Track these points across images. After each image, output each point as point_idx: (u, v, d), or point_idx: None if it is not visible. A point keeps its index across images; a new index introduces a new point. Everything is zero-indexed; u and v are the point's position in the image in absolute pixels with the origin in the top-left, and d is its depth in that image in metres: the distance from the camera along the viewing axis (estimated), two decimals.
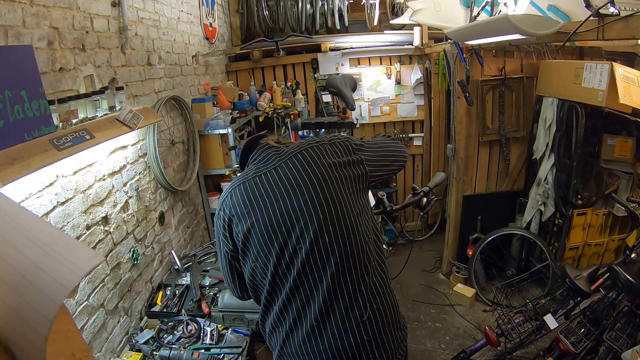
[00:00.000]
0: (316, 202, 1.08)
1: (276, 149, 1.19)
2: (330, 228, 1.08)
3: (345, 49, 3.97)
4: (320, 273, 1.09)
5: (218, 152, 2.86)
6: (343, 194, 1.11)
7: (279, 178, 1.11)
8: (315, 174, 1.10)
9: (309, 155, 1.13)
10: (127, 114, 1.65)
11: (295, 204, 1.09)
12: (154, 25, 2.27)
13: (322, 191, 1.09)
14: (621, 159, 2.76)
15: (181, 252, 2.47)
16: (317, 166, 1.11)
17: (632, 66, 2.62)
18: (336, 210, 1.09)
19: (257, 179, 1.13)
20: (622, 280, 1.88)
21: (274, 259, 1.10)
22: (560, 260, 2.97)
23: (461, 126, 3.22)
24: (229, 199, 1.14)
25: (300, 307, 1.11)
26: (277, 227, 1.09)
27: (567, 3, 2.13)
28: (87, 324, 1.49)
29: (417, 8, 2.80)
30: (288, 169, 1.12)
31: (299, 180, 1.10)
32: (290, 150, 1.16)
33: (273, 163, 1.15)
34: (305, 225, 1.08)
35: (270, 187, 1.11)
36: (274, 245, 1.09)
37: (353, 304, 1.09)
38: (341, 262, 1.09)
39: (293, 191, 1.09)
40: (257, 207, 1.10)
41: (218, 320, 1.88)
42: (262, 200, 1.10)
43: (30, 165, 1.11)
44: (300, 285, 1.10)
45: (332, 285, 1.08)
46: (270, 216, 1.09)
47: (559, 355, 2.03)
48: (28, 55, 1.19)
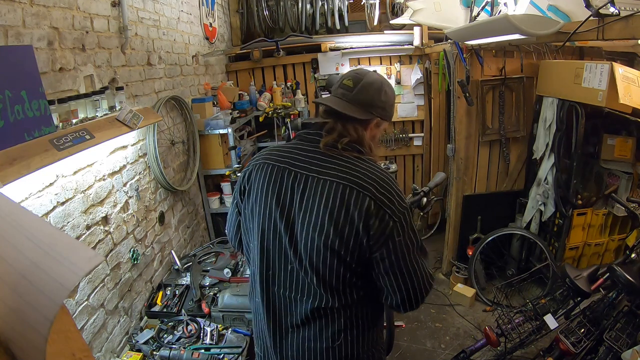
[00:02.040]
0: (307, 237, 1.06)
1: (324, 156, 1.09)
2: (309, 267, 1.08)
3: (345, 49, 3.97)
4: (291, 294, 1.13)
5: (218, 152, 2.86)
6: (336, 250, 1.05)
7: (302, 189, 1.07)
8: (330, 217, 1.03)
9: (342, 195, 1.02)
10: (127, 114, 1.65)
11: (295, 221, 1.08)
12: (154, 25, 2.27)
13: (317, 234, 1.05)
14: (621, 159, 2.76)
15: (181, 252, 2.47)
16: (339, 212, 1.02)
17: (632, 66, 2.63)
18: (323, 258, 1.06)
19: (286, 172, 1.10)
20: (622, 280, 1.88)
21: (261, 252, 1.14)
22: (560, 260, 2.97)
23: (461, 126, 3.21)
24: (259, 167, 1.15)
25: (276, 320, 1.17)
26: (271, 227, 1.11)
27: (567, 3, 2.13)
28: (87, 324, 1.49)
29: (417, 8, 2.80)
30: (313, 190, 1.06)
31: (311, 208, 1.06)
32: (333, 173, 1.05)
33: (309, 169, 1.08)
34: (286, 245, 1.10)
35: (288, 188, 1.09)
36: (263, 242, 1.13)
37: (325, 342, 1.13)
38: (312, 297, 1.10)
39: (300, 210, 1.07)
40: (268, 195, 1.11)
41: (218, 320, 1.88)
42: (276, 192, 1.10)
43: (30, 165, 1.11)
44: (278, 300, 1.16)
45: (306, 313, 1.12)
46: (271, 213, 1.11)
47: (559, 355, 2.03)
48: (28, 55, 1.19)
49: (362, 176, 1.04)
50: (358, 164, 1.07)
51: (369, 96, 1.11)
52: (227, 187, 2.92)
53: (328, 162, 1.08)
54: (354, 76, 1.13)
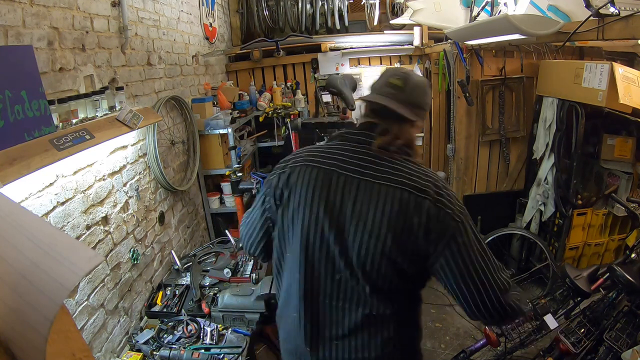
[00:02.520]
0: (361, 246, 1.01)
1: (377, 159, 1.04)
2: (361, 276, 1.03)
3: (345, 49, 3.97)
4: (338, 304, 1.08)
5: (218, 152, 2.86)
6: (395, 255, 1.01)
7: (354, 194, 1.02)
8: (388, 224, 0.99)
9: (399, 200, 0.98)
10: (127, 114, 1.65)
11: (346, 229, 1.03)
12: (154, 25, 2.27)
13: (374, 242, 1.00)
14: (621, 159, 2.76)
15: (181, 252, 2.47)
16: (396, 219, 0.98)
17: (632, 66, 2.63)
18: (378, 266, 1.01)
19: (335, 175, 1.04)
20: (622, 280, 1.88)
21: (305, 262, 1.08)
22: (560, 260, 2.97)
23: (461, 126, 3.22)
24: (302, 170, 1.07)
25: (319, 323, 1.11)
26: (318, 236, 1.05)
27: (567, 3, 2.13)
28: (87, 324, 1.49)
29: (417, 8, 2.80)
30: (369, 195, 1.01)
31: (368, 215, 1.00)
32: (388, 177, 1.01)
33: (361, 172, 1.03)
34: (335, 254, 1.04)
35: (338, 193, 1.03)
36: (309, 252, 1.07)
37: (378, 342, 1.08)
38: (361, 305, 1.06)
39: (353, 217, 1.02)
40: (315, 201, 1.04)
41: (218, 320, 1.88)
42: (324, 198, 1.04)
43: (30, 165, 1.10)
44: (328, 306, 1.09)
45: (355, 322, 1.07)
46: (319, 221, 1.04)
47: (559, 355, 2.03)
48: (28, 55, 1.19)
49: (418, 179, 1.00)
50: (410, 166, 1.03)
51: (418, 97, 1.08)
52: (227, 187, 2.92)
53: (380, 165, 1.03)
54: (402, 76, 1.08)
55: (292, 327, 1.15)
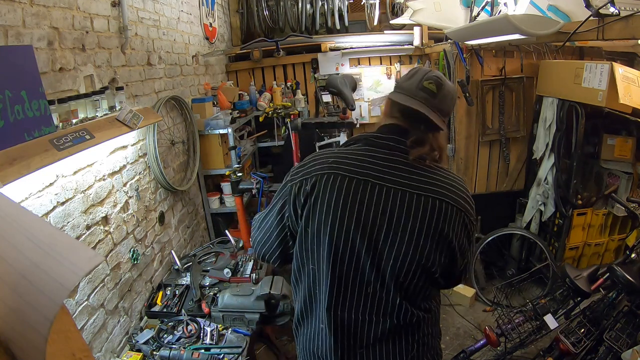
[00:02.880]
0: (396, 258, 1.00)
1: (409, 167, 1.01)
2: (392, 287, 1.02)
3: (345, 49, 3.97)
4: (365, 317, 1.07)
5: (218, 152, 2.86)
6: (425, 268, 1.02)
7: (390, 204, 0.99)
8: (420, 233, 0.98)
9: (435, 210, 0.98)
10: (127, 114, 1.65)
11: (381, 240, 1.00)
12: (154, 25, 2.27)
13: (411, 254, 0.99)
14: (621, 159, 2.76)
15: (181, 252, 2.47)
16: (429, 227, 0.98)
17: (632, 66, 2.63)
18: (406, 274, 1.01)
19: (369, 186, 1.00)
20: (622, 280, 1.88)
21: (334, 275, 1.04)
22: (560, 260, 2.97)
23: (461, 126, 3.22)
24: (330, 179, 1.01)
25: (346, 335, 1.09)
26: (348, 248, 1.02)
27: (567, 3, 2.13)
28: (87, 324, 1.49)
29: (417, 8, 2.80)
30: (405, 205, 0.98)
31: (403, 225, 0.99)
32: (422, 187, 0.99)
33: (394, 181, 1.00)
34: (366, 267, 1.02)
35: (372, 203, 0.99)
36: (337, 264, 1.03)
37: (402, 350, 1.09)
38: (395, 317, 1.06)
39: (389, 228, 0.99)
40: (347, 212, 1.00)
41: (218, 320, 1.88)
42: (356, 209, 1.00)
43: (30, 165, 1.10)
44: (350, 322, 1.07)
45: (382, 332, 1.07)
46: (350, 233, 1.00)
47: (559, 355, 2.03)
48: (28, 55, 1.19)
49: (452, 188, 1.02)
50: (442, 174, 1.03)
51: (449, 105, 1.05)
52: (227, 187, 2.92)
53: (415, 174, 1.00)
54: (435, 80, 1.02)
55: (317, 338, 1.12)
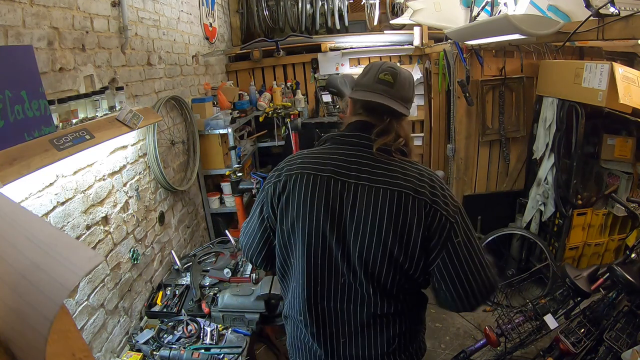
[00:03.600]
0: (369, 254, 1.02)
1: (374, 162, 1.04)
2: (369, 278, 1.05)
3: (345, 49, 3.97)
4: (343, 306, 1.10)
5: (218, 152, 2.86)
6: (397, 257, 1.02)
7: (352, 199, 1.02)
8: (388, 228, 1.00)
9: (398, 203, 0.99)
10: (127, 114, 1.65)
11: (347, 236, 1.04)
12: (154, 25, 2.27)
13: (380, 247, 1.02)
14: (621, 159, 2.76)
15: (181, 252, 2.47)
16: (396, 221, 1.00)
17: (632, 66, 2.62)
18: (380, 269, 1.03)
19: (332, 182, 1.04)
20: (622, 280, 1.88)
21: (309, 267, 1.08)
22: (560, 260, 2.97)
23: (461, 126, 3.21)
24: (297, 178, 1.06)
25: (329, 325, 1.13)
26: (319, 242, 1.05)
27: (567, 3, 2.13)
28: (87, 324, 1.49)
29: (417, 8, 2.80)
30: (366, 199, 1.01)
31: (367, 220, 1.01)
32: (386, 180, 1.01)
33: (358, 177, 1.03)
34: (345, 260, 1.05)
35: (337, 199, 1.03)
36: (311, 257, 1.07)
37: (384, 340, 1.11)
38: (372, 308, 1.08)
39: (355, 225, 1.03)
40: (314, 208, 1.04)
41: (218, 320, 1.88)
42: (322, 205, 1.04)
43: (30, 165, 1.11)
44: (333, 311, 1.11)
45: (367, 322, 1.10)
46: (319, 227, 1.04)
47: (559, 355, 2.03)
48: (28, 55, 1.19)
49: (414, 180, 1.01)
50: (406, 167, 1.04)
51: (408, 91, 1.08)
52: (227, 187, 2.92)
53: (377, 168, 1.03)
54: (390, 71, 1.06)
55: (299, 330, 1.18)
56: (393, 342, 1.11)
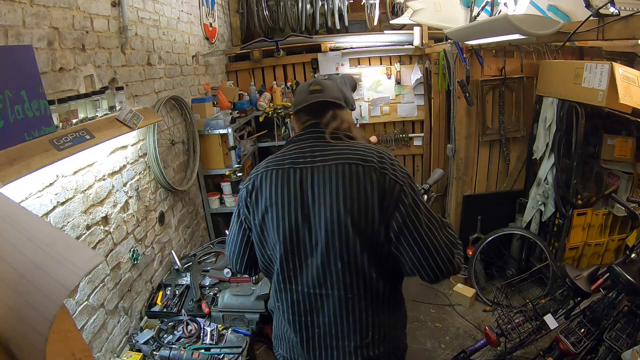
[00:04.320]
0: (333, 225, 1.08)
1: (326, 145, 1.16)
2: (338, 254, 1.10)
3: (345, 49, 3.97)
4: (327, 291, 1.13)
5: (218, 152, 2.86)
6: (360, 225, 1.08)
7: (312, 181, 1.12)
8: (345, 197, 1.08)
9: (350, 173, 1.09)
10: (127, 114, 1.65)
11: (312, 215, 1.11)
12: (154, 25, 2.27)
13: (342, 216, 1.08)
14: (621, 159, 2.76)
15: (181, 252, 2.47)
16: (351, 189, 1.08)
17: (632, 66, 2.62)
18: (346, 240, 1.08)
19: (295, 172, 1.14)
20: (622, 280, 1.88)
21: (281, 254, 1.15)
22: (560, 260, 2.97)
23: (461, 126, 3.21)
24: (264, 178, 1.17)
25: (306, 313, 1.17)
26: (291, 227, 1.12)
27: (567, 3, 2.13)
28: (87, 324, 1.49)
29: (417, 8, 2.80)
30: (324, 177, 1.11)
31: (327, 195, 1.09)
32: (337, 157, 1.12)
33: (315, 160, 1.13)
34: (313, 240, 1.12)
35: (300, 186, 1.12)
36: (283, 242, 1.14)
37: (357, 329, 1.14)
38: (348, 289, 1.12)
39: (317, 202, 1.11)
40: (281, 197, 1.13)
41: (218, 320, 1.88)
42: (290, 194, 1.13)
43: (30, 165, 1.11)
44: (308, 297, 1.15)
45: (339, 306, 1.13)
46: (289, 213, 1.12)
47: (559, 355, 2.02)
48: (28, 55, 1.19)
49: (362, 153, 1.11)
50: (354, 145, 1.16)
51: (337, 92, 1.25)
52: (227, 187, 2.92)
53: (328, 150, 1.14)
54: (317, 82, 1.25)
55: (279, 319, 1.24)
56: (367, 335, 1.13)
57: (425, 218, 1.09)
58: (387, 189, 1.07)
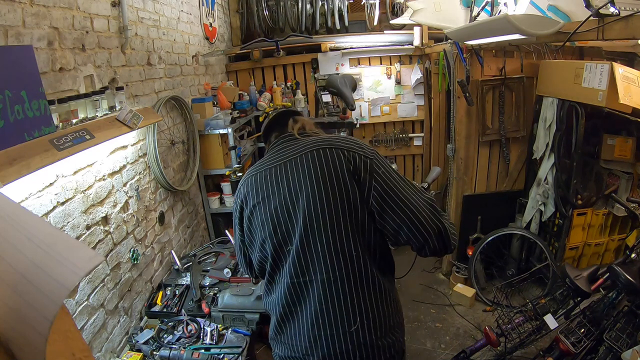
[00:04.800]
0: (309, 208, 1.13)
1: (296, 142, 1.25)
2: (317, 236, 1.13)
3: (345, 49, 3.97)
4: (310, 277, 1.15)
5: (218, 152, 2.86)
6: (337, 205, 1.12)
7: (287, 172, 1.18)
8: (317, 179, 1.14)
9: (320, 156, 1.16)
10: (127, 114, 1.65)
11: (290, 203, 1.16)
12: (154, 25, 2.27)
13: (317, 198, 1.13)
14: (621, 159, 2.76)
15: (181, 252, 2.47)
16: (322, 171, 1.14)
17: (632, 66, 2.62)
18: (324, 220, 1.12)
19: (271, 170, 1.21)
20: (622, 280, 1.88)
21: (270, 249, 1.19)
22: (560, 260, 2.97)
23: (461, 126, 3.21)
24: (246, 184, 1.26)
25: (292, 304, 1.19)
26: (274, 219, 1.17)
27: (567, 3, 2.13)
28: (87, 324, 1.49)
29: (417, 8, 2.80)
30: (297, 165, 1.18)
31: (301, 181, 1.15)
32: (306, 146, 1.20)
33: (287, 155, 1.21)
34: (294, 227, 1.15)
35: (278, 179, 1.19)
36: (270, 237, 1.18)
37: (343, 314, 1.13)
38: (330, 271, 1.13)
39: (294, 189, 1.16)
40: (263, 195, 1.20)
41: (218, 320, 1.88)
42: (268, 189, 1.19)
43: (30, 165, 1.11)
44: (292, 286, 1.17)
45: (323, 292, 1.13)
46: (270, 207, 1.18)
47: (559, 355, 2.03)
48: (28, 55, 1.19)
49: (329, 139, 1.21)
50: (320, 135, 1.28)
51: (289, 111, 1.43)
52: (227, 187, 2.92)
53: (298, 143, 1.23)
54: (273, 111, 1.42)
55: (275, 306, 1.25)
56: (354, 322, 1.13)
57: (403, 183, 1.15)
58: (359, 164, 1.13)
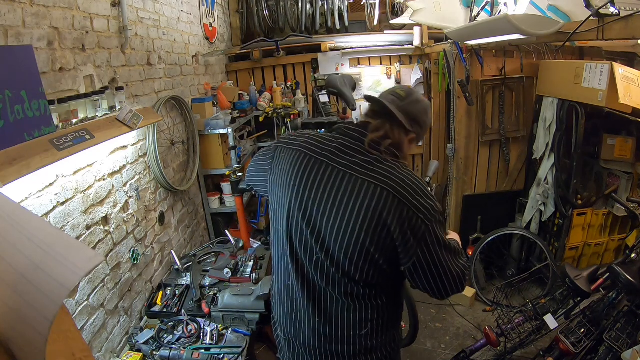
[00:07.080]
0: (334, 230, 1.09)
1: (360, 153, 1.11)
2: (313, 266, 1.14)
3: (345, 49, 3.97)
4: (293, 286, 1.21)
5: (218, 152, 2.86)
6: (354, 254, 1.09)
7: (329, 179, 1.10)
8: (356, 214, 1.06)
9: (373, 195, 1.04)
10: (127, 114, 1.65)
11: (308, 212, 1.12)
12: (154, 25, 2.27)
13: (340, 235, 1.08)
14: (621, 159, 2.76)
15: (181, 252, 2.47)
16: (367, 211, 1.05)
17: (632, 66, 2.62)
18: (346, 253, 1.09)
19: (310, 160, 1.13)
20: (622, 280, 1.88)
21: (275, 219, 1.21)
22: (560, 260, 2.97)
23: (461, 126, 3.21)
24: (285, 145, 1.20)
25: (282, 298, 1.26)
26: (286, 208, 1.15)
27: (567, 3, 2.13)
28: (87, 324, 1.49)
29: (417, 8, 2.80)
30: (343, 184, 1.08)
31: (336, 203, 1.08)
32: (367, 172, 1.08)
33: (342, 162, 1.11)
34: (296, 234, 1.15)
35: (316, 179, 1.11)
36: (281, 216, 1.18)
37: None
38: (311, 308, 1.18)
39: (323, 206, 1.10)
40: (296, 177, 1.14)
41: (218, 320, 1.88)
42: (302, 180, 1.13)
43: (30, 165, 1.11)
44: (283, 287, 1.24)
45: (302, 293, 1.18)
46: (289, 194, 1.14)
47: (559, 355, 2.02)
48: (28, 55, 1.19)
49: (399, 181, 1.06)
50: (395, 167, 1.09)
51: (416, 111, 1.16)
52: (227, 187, 2.92)
53: (367, 163, 1.09)
54: (406, 89, 1.20)
55: (280, 293, 1.28)
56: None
57: (445, 252, 1.10)
58: (413, 228, 1.04)
